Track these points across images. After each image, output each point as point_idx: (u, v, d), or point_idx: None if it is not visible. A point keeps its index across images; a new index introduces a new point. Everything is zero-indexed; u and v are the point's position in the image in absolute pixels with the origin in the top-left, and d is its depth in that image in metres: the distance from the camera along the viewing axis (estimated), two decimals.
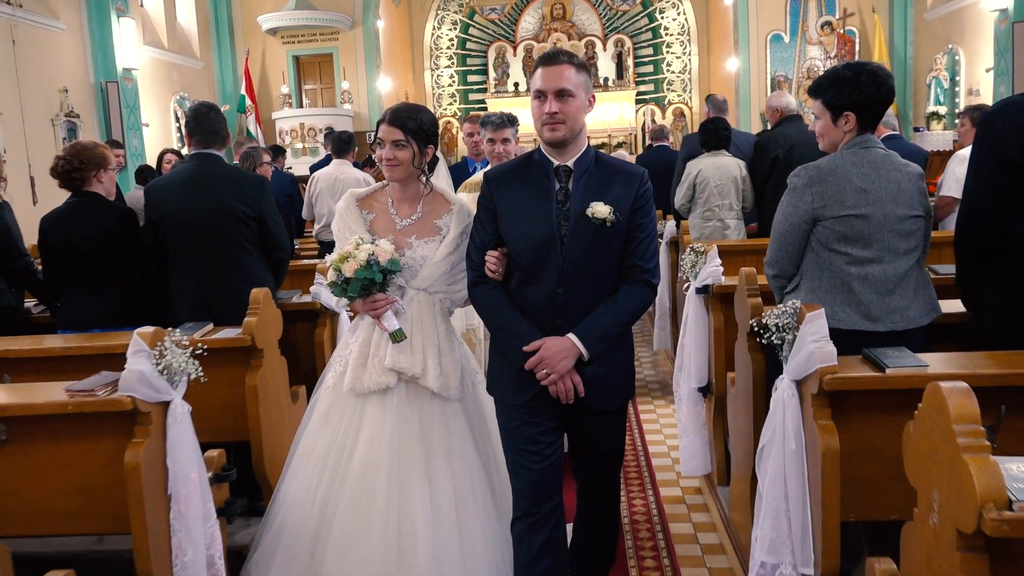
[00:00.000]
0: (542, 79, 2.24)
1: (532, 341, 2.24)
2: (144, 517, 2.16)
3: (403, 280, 2.51)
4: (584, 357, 2.23)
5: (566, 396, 2.24)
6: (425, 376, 2.47)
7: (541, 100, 2.24)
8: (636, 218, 2.26)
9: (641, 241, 2.27)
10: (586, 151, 2.31)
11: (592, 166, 2.29)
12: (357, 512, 2.40)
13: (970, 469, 1.23)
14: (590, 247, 2.23)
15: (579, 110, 2.25)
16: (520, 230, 2.28)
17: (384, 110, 2.59)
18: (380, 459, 2.43)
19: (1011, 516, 1.19)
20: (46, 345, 3.01)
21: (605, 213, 2.19)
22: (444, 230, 2.57)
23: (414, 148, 2.51)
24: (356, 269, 2.33)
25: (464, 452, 2.51)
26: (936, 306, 2.50)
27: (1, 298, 3.57)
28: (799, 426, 2.10)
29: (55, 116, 9.62)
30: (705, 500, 3.71)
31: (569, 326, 2.24)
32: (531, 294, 2.28)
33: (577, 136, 2.28)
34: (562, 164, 2.28)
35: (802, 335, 2.07)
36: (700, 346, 3.61)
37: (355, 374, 2.48)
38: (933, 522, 1.36)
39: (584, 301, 2.25)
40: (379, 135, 2.53)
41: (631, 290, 2.28)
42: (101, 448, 2.22)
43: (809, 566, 2.09)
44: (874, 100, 2.35)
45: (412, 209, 2.59)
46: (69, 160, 3.48)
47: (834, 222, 2.40)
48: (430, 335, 2.51)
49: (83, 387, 2.18)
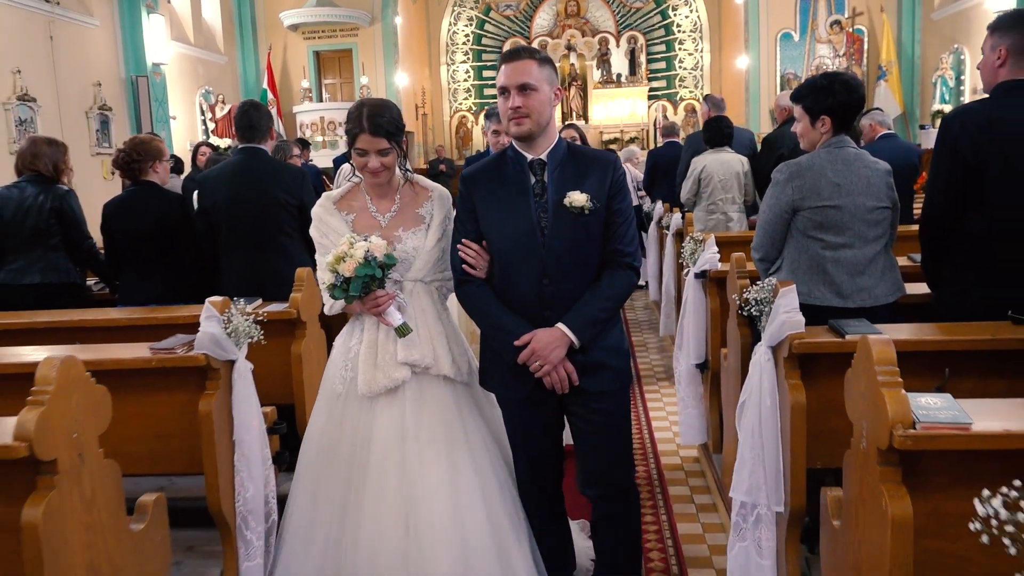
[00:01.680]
0: (504, 75, 2.28)
1: (522, 335, 2.27)
2: (215, 459, 2.54)
3: (398, 274, 2.50)
4: (575, 345, 2.27)
5: (561, 386, 2.29)
6: (438, 364, 2.47)
7: (505, 96, 2.28)
8: (613, 203, 2.31)
9: (619, 225, 2.33)
10: (558, 143, 2.35)
11: (565, 156, 2.34)
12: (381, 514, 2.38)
13: (885, 399, 1.58)
14: (571, 236, 2.27)
15: (543, 104, 2.28)
16: (500, 226, 2.32)
17: (351, 112, 2.47)
18: (392, 455, 2.42)
19: (914, 433, 1.54)
20: (113, 316, 3.40)
21: (583, 201, 2.24)
22: (428, 217, 2.56)
23: (397, 150, 2.49)
24: (355, 267, 2.31)
25: (480, 434, 2.52)
26: (901, 286, 2.84)
27: (67, 276, 3.97)
28: (773, 385, 2.45)
29: (89, 109, 10.05)
30: (701, 467, 4.07)
31: (557, 316, 2.27)
32: (517, 288, 2.32)
33: (546, 129, 2.32)
34: (536, 158, 2.32)
35: (776, 307, 2.42)
36: (698, 326, 3.96)
37: (367, 375, 2.45)
38: (862, 446, 1.72)
39: (570, 290, 2.29)
40: (359, 145, 2.44)
41: (614, 274, 2.32)
42: (177, 400, 2.60)
43: (780, 504, 2.44)
44: (846, 106, 2.70)
45: (391, 202, 2.57)
46: (129, 152, 3.87)
47: (811, 212, 2.75)
48: (435, 324, 2.51)
49: (164, 346, 2.57)
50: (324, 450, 2.52)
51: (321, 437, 2.55)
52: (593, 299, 2.29)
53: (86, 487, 1.90)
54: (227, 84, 13.77)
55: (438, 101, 17.78)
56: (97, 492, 1.94)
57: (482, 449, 2.50)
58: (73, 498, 1.84)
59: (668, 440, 4.44)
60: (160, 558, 2.21)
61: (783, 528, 2.51)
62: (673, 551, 3.16)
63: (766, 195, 2.90)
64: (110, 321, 3.34)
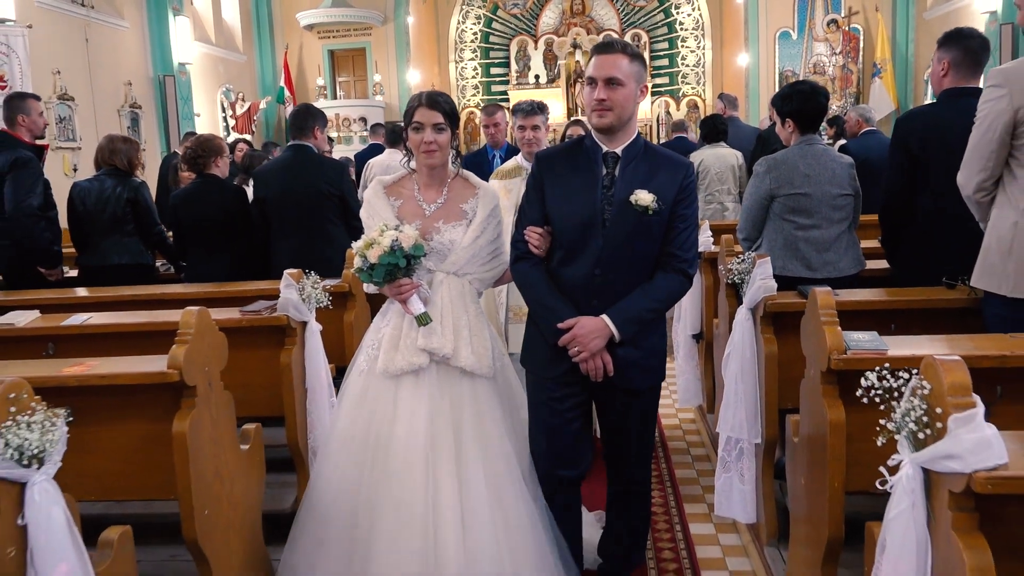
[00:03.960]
0: (594, 67, 2.29)
1: (567, 318, 2.30)
2: (293, 402, 3.09)
3: (432, 264, 2.54)
4: (616, 338, 2.29)
5: (595, 374, 2.32)
6: (457, 355, 2.48)
7: (592, 87, 2.29)
8: (679, 208, 2.32)
9: (681, 231, 2.33)
10: (635, 139, 2.37)
11: (640, 154, 2.35)
12: (401, 491, 2.39)
13: (825, 332, 2.13)
14: (630, 233, 2.28)
15: (628, 99, 2.29)
16: (564, 210, 2.35)
17: (412, 97, 2.60)
18: (419, 437, 2.43)
19: (845, 356, 2.08)
20: (190, 290, 3.95)
21: (648, 201, 2.25)
22: (470, 214, 2.58)
23: (451, 131, 2.55)
24: (380, 255, 2.35)
25: (495, 430, 2.51)
26: (862, 261, 3.38)
27: (141, 258, 4.52)
28: (752, 339, 2.99)
29: (120, 107, 10.59)
30: (697, 425, 4.62)
31: (604, 307, 2.30)
32: (570, 274, 2.34)
33: (627, 124, 2.33)
34: (610, 151, 2.35)
35: (754, 275, 2.95)
36: (694, 301, 4.51)
37: (387, 356, 2.49)
38: (810, 374, 2.27)
39: (620, 284, 2.31)
40: (416, 119, 2.51)
41: (667, 277, 2.34)
42: (260, 355, 3.14)
43: (758, 436, 2.99)
44: (803, 112, 3.24)
45: (438, 194, 2.60)
46: (195, 149, 4.42)
47: (785, 198, 3.29)
48: (460, 316, 2.52)
49: (251, 309, 3.12)
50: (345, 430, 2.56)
51: (343, 416, 2.60)
52: (642, 298, 2.31)
53: (213, 410, 2.45)
54: (246, 82, 14.32)
55: None
56: (219, 415, 2.50)
57: (497, 445, 2.49)
58: (205, 417, 2.40)
59: (668, 405, 4.99)
60: (258, 475, 2.76)
61: (760, 459, 3.06)
62: (672, 492, 3.70)
63: (748, 185, 3.43)
64: (187, 294, 3.89)
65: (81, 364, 2.36)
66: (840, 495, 2.14)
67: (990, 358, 2.06)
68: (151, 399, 2.35)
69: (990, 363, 2.05)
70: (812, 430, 2.30)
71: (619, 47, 2.32)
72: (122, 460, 2.36)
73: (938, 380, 1.43)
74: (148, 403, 2.36)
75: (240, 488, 2.61)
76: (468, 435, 2.46)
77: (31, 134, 4.51)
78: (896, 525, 1.47)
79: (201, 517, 2.34)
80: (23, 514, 1.61)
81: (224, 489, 2.49)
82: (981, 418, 1.36)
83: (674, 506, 3.56)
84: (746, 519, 3.12)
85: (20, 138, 4.40)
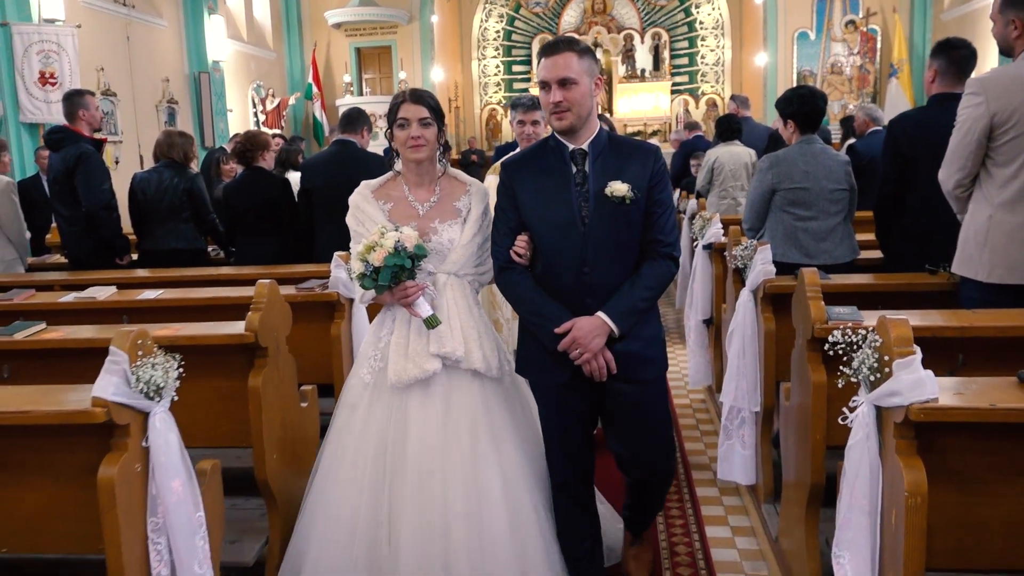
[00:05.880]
0: (545, 69, 2.27)
1: (562, 323, 2.27)
2: (342, 370, 3.47)
3: (432, 266, 2.48)
4: (615, 334, 2.28)
5: (599, 374, 2.30)
6: (469, 357, 2.44)
7: (546, 90, 2.28)
8: (654, 193, 2.31)
9: (660, 216, 2.33)
10: (599, 133, 2.35)
11: (606, 146, 2.34)
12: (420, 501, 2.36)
13: (810, 305, 2.48)
14: (611, 225, 2.28)
15: (584, 96, 2.26)
16: (541, 215, 2.33)
17: (395, 95, 2.53)
18: (431, 446, 2.40)
19: (827, 324, 2.42)
20: (244, 271, 4.34)
21: (624, 191, 2.25)
22: (464, 211, 2.54)
23: (436, 126, 2.50)
24: (385, 256, 2.28)
25: (507, 431, 2.49)
26: (856, 250, 3.71)
27: (194, 243, 4.94)
28: (753, 318, 3.34)
29: (158, 102, 11.05)
30: (707, 404, 4.96)
31: (598, 304, 2.29)
32: (558, 276, 2.32)
33: (587, 120, 2.31)
34: (577, 147, 2.33)
35: (755, 261, 3.30)
36: (704, 288, 4.85)
37: (398, 366, 2.42)
38: (799, 343, 2.61)
39: (611, 278, 2.31)
40: (401, 115, 2.46)
41: (654, 264, 2.33)
42: (313, 327, 3.52)
43: (757, 406, 3.33)
44: (803, 114, 3.58)
45: (430, 192, 2.55)
46: (244, 143, 4.82)
47: (786, 192, 3.62)
48: (467, 318, 2.48)
49: (305, 286, 3.50)
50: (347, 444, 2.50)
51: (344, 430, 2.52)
52: (633, 288, 2.30)
53: (280, 370, 2.83)
54: (275, 78, 14.76)
55: (469, 95, 18.66)
56: (284, 375, 2.88)
57: (508, 447, 2.46)
58: (274, 375, 2.78)
59: (680, 386, 5.33)
60: (314, 430, 3.14)
61: (759, 426, 3.40)
62: (682, 466, 4.05)
63: (753, 180, 3.77)
64: (241, 275, 4.29)
65: (169, 328, 2.75)
66: (821, 447, 2.49)
67: (952, 329, 2.39)
68: (228, 359, 2.73)
69: (952, 333, 2.39)
70: (799, 392, 2.65)
71: (565, 45, 2.29)
72: (203, 412, 2.75)
73: (887, 334, 1.77)
74: (225, 363, 2.74)
75: (300, 439, 2.99)
76: (481, 438, 2.43)
77: (90, 128, 4.91)
78: (854, 452, 1.82)
79: (271, 461, 2.72)
80: (147, 437, 2.00)
81: (288, 438, 2.87)
82: (918, 363, 1.71)
83: (683, 474, 3.91)
84: (746, 481, 3.47)
85: (81, 132, 4.80)
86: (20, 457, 2.05)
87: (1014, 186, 2.78)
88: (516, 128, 3.90)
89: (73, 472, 2.02)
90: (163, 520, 1.99)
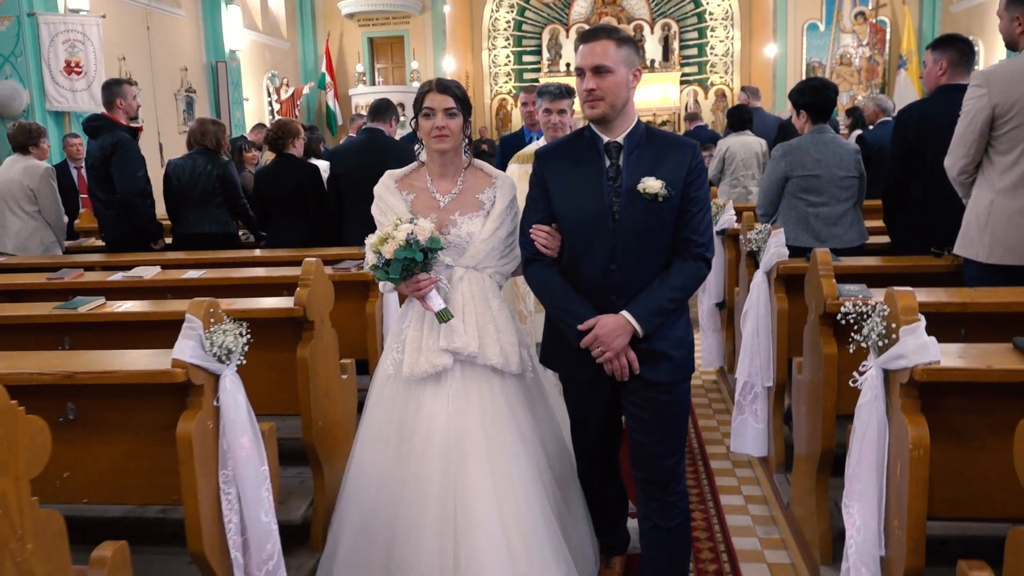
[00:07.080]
0: (580, 56, 2.23)
1: (586, 319, 2.23)
2: (376, 344, 3.67)
3: (450, 259, 2.44)
4: (639, 334, 2.21)
5: (621, 374, 2.25)
6: (484, 354, 2.40)
7: (581, 77, 2.23)
8: (690, 191, 2.23)
9: (694, 215, 2.24)
10: (636, 126, 2.28)
11: (643, 140, 2.27)
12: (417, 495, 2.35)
13: (822, 282, 2.66)
14: (643, 222, 2.21)
15: (619, 86, 2.20)
16: (571, 207, 2.28)
17: (422, 85, 2.50)
18: (435, 442, 2.36)
19: (839, 300, 2.60)
20: (275, 254, 4.54)
21: (657, 188, 2.18)
22: (488, 204, 2.49)
23: (462, 117, 2.47)
24: (396, 249, 2.27)
25: (528, 428, 2.45)
26: (865, 235, 3.88)
27: (227, 227, 5.14)
28: (766, 298, 3.52)
29: (177, 91, 11.25)
30: (719, 384, 5.15)
31: (624, 302, 2.22)
32: (585, 271, 2.27)
33: (623, 111, 2.24)
34: (612, 140, 2.26)
35: (768, 244, 3.48)
36: (717, 272, 5.03)
37: (411, 359, 2.42)
38: (811, 319, 2.80)
39: (639, 277, 2.24)
40: (427, 105, 2.43)
41: (684, 264, 2.25)
42: (346, 305, 3.71)
43: (770, 380, 3.52)
44: (814, 104, 3.75)
45: (452, 184, 2.51)
46: (275, 131, 5.01)
47: (798, 179, 3.80)
48: (484, 312, 2.43)
49: (341, 267, 3.70)
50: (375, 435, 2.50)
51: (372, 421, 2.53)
52: (661, 288, 2.23)
53: (323, 343, 3.03)
54: (289, 68, 14.95)
55: (479, 84, 18.79)
56: (327, 347, 3.08)
57: (528, 445, 2.42)
58: (319, 347, 2.98)
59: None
60: (352, 402, 3.34)
61: (771, 401, 3.59)
62: (696, 441, 4.24)
63: (767, 167, 3.95)
64: (275, 257, 4.50)
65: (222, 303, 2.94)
66: (832, 414, 2.67)
67: (954, 304, 2.57)
68: (277, 332, 2.93)
69: (954, 308, 2.57)
70: (811, 364, 2.84)
71: (604, 33, 2.22)
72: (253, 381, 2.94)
73: (895, 304, 1.96)
74: (274, 336, 2.94)
75: (340, 409, 3.19)
76: (499, 436, 2.38)
77: (127, 116, 5.11)
78: (863, 411, 2.01)
79: (316, 427, 2.92)
80: (218, 397, 2.19)
81: (331, 407, 3.07)
82: (922, 329, 1.89)
83: (697, 447, 4.10)
84: (758, 453, 3.66)
85: (118, 120, 5.00)
86: (101, 415, 2.25)
87: (1014, 173, 2.95)
88: (542, 117, 3.83)
89: (150, 428, 2.23)
90: (232, 473, 2.19)
